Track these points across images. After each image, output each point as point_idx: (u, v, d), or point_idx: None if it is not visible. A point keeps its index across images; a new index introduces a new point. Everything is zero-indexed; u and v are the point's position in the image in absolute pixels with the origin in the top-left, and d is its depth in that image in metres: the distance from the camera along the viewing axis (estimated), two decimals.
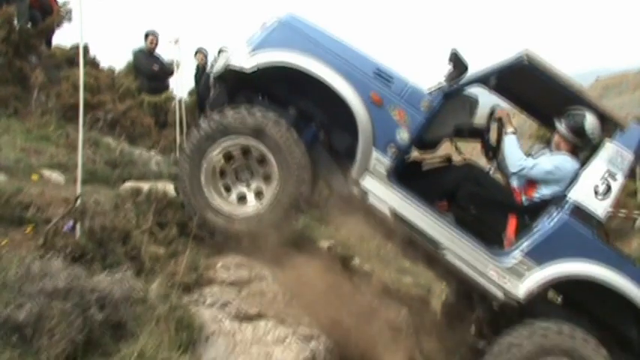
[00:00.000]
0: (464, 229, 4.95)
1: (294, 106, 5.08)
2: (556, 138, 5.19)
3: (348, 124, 4.84)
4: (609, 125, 5.07)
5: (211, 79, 5.42)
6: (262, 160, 4.79)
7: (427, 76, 5.60)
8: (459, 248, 4.85)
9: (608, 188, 4.88)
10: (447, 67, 4.98)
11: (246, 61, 4.82)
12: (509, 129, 5.15)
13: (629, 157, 4.91)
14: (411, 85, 4.89)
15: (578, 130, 5.03)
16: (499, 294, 4.85)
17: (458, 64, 4.93)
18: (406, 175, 5.12)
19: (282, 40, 4.88)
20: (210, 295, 4.33)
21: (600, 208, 4.87)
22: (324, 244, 7.00)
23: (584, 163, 5.07)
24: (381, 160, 4.82)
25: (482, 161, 5.65)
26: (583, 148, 5.15)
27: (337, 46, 4.92)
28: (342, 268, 5.95)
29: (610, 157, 4.89)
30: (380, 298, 5.81)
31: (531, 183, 5.15)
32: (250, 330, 4.20)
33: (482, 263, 4.86)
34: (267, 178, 4.81)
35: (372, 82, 4.83)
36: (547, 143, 5.44)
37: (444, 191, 5.22)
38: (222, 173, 4.84)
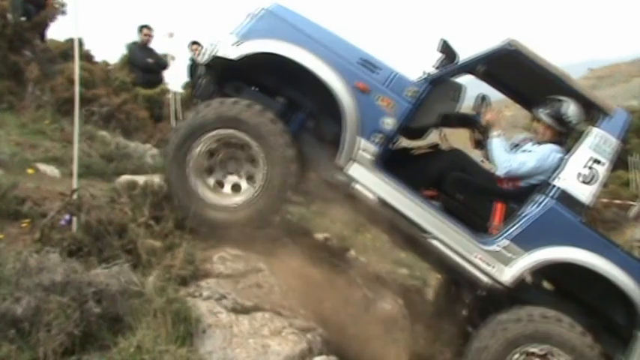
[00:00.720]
0: (450, 215, 4.96)
1: (283, 95, 5.10)
2: (539, 127, 5.21)
3: (336, 112, 4.85)
4: (594, 111, 5.08)
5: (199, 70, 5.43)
6: (248, 153, 4.82)
7: (418, 66, 5.60)
8: (445, 235, 4.86)
9: (594, 174, 4.88)
10: (437, 56, 5.03)
11: (232, 50, 4.83)
12: (495, 132, 5.15)
13: (614, 142, 4.91)
14: (397, 73, 4.88)
15: (560, 118, 5.06)
16: (485, 280, 4.86)
17: (448, 53, 4.96)
18: (394, 162, 5.13)
19: (268, 29, 4.89)
20: (206, 287, 4.33)
21: (586, 193, 4.87)
22: (320, 236, 7.03)
23: (570, 150, 5.08)
24: (366, 148, 4.82)
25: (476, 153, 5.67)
26: (567, 134, 5.17)
27: (323, 35, 4.93)
28: (338, 260, 5.98)
29: (595, 143, 4.90)
30: (376, 290, 5.85)
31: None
32: (247, 322, 4.20)
33: (468, 249, 4.87)
34: (253, 169, 4.84)
35: (358, 70, 4.83)
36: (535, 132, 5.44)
37: (430, 178, 5.23)
38: (211, 168, 4.87)
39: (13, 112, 7.31)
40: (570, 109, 5.03)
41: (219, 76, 5.13)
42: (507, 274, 4.86)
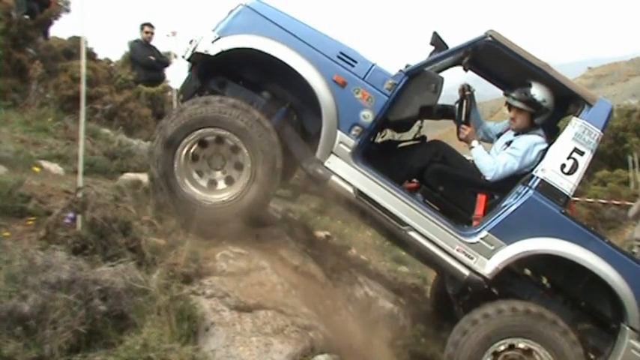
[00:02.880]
0: (431, 207, 4.97)
1: (267, 89, 5.13)
2: (512, 113, 5.22)
3: (318, 106, 4.87)
4: (577, 101, 5.08)
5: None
6: (231, 149, 4.84)
7: (409, 58, 5.59)
8: (424, 227, 4.85)
9: (576, 165, 4.87)
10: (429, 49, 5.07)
11: (212, 46, 4.87)
12: (473, 144, 5.17)
13: (597, 133, 4.89)
14: (375, 67, 4.91)
15: (530, 100, 5.08)
16: (465, 272, 4.85)
17: (439, 45, 4.99)
18: (379, 154, 5.20)
19: (247, 24, 4.92)
20: (209, 285, 4.35)
21: (567, 184, 4.85)
22: (321, 233, 7.06)
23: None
24: (345, 141, 4.85)
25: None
26: (540, 116, 5.15)
27: (301, 29, 4.95)
28: (339, 258, 6.01)
29: (577, 133, 4.88)
30: (377, 288, 5.88)
31: None
32: (250, 320, 4.22)
33: (448, 242, 4.86)
34: (237, 167, 4.85)
35: (336, 64, 4.86)
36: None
37: (412, 170, 5.26)
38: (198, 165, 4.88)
39: (17, 110, 7.34)
40: (537, 89, 5.06)
41: (203, 72, 5.15)
42: (488, 267, 4.83)
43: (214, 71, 5.12)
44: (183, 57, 5.31)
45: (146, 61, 11.03)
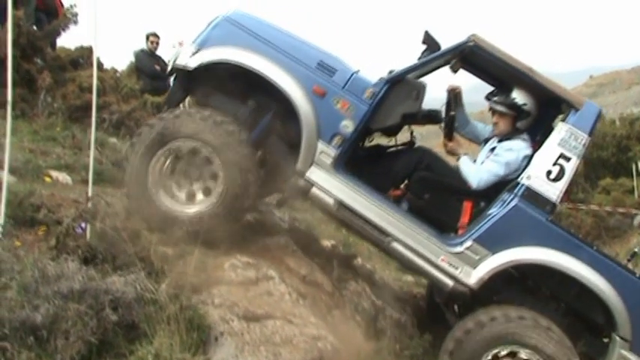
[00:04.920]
0: (416, 216, 4.89)
1: (253, 98, 5.10)
2: (495, 118, 5.17)
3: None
4: (563, 106, 5.00)
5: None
6: (205, 161, 4.81)
7: (404, 58, 5.55)
8: (407, 237, 4.79)
9: (562, 171, 4.76)
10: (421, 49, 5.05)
11: (190, 59, 4.86)
12: (459, 153, 5.15)
13: (584, 138, 4.78)
14: (355, 75, 4.87)
15: (511, 104, 5.04)
16: (449, 283, 4.77)
17: (431, 44, 4.95)
18: (366, 159, 5.16)
19: (224, 36, 4.90)
20: (218, 295, 4.35)
21: (553, 191, 4.76)
22: (327, 243, 7.07)
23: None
24: (326, 151, 4.81)
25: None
26: (521, 119, 5.09)
27: (280, 39, 4.92)
28: (346, 267, 6.02)
29: (563, 138, 4.78)
30: (384, 297, 5.89)
31: None
32: (258, 330, 4.21)
33: (432, 252, 4.78)
34: (213, 178, 4.83)
35: (315, 74, 4.82)
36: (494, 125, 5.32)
37: (397, 178, 5.21)
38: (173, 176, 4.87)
39: (26, 119, 7.40)
40: (517, 92, 5.02)
41: (186, 82, 5.13)
42: (473, 277, 4.75)
43: (199, 81, 5.08)
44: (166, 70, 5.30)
45: (152, 70, 11.08)
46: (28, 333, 3.29)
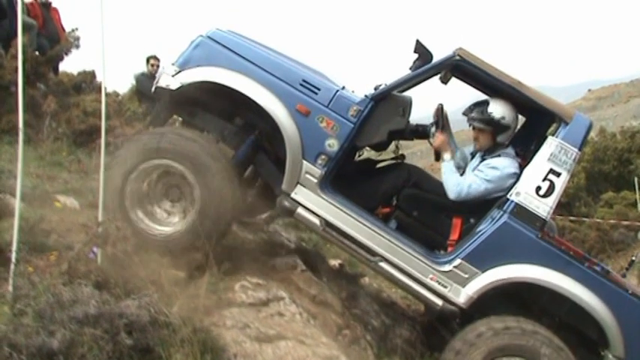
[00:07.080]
0: (404, 234, 4.83)
1: (240, 116, 5.09)
2: (474, 134, 5.07)
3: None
4: (553, 119, 4.95)
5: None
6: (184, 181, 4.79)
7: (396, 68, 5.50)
8: (396, 256, 4.73)
9: (552, 187, 4.66)
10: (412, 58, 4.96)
11: (171, 80, 4.86)
12: (445, 156, 5.03)
13: (574, 152, 4.68)
14: (339, 93, 4.80)
15: (487, 119, 4.93)
16: (438, 302, 4.71)
17: (422, 53, 4.88)
18: (355, 174, 5.11)
19: (205, 56, 4.87)
20: (230, 317, 4.37)
21: (543, 207, 4.66)
22: (334, 262, 7.08)
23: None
24: (311, 171, 4.76)
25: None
26: (500, 133, 4.96)
27: (262, 57, 4.88)
28: (354, 286, 6.03)
29: (553, 153, 4.68)
30: (392, 316, 5.89)
31: None
32: (271, 351, 4.21)
33: (421, 271, 4.72)
34: (190, 196, 4.80)
35: (298, 92, 4.76)
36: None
37: (384, 195, 5.12)
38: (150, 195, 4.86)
39: (31, 145, 7.43)
40: (493, 107, 4.92)
41: (171, 103, 5.10)
42: (462, 295, 4.68)
43: (184, 101, 5.05)
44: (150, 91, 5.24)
45: (152, 93, 11.11)
46: (45, 359, 3.28)
